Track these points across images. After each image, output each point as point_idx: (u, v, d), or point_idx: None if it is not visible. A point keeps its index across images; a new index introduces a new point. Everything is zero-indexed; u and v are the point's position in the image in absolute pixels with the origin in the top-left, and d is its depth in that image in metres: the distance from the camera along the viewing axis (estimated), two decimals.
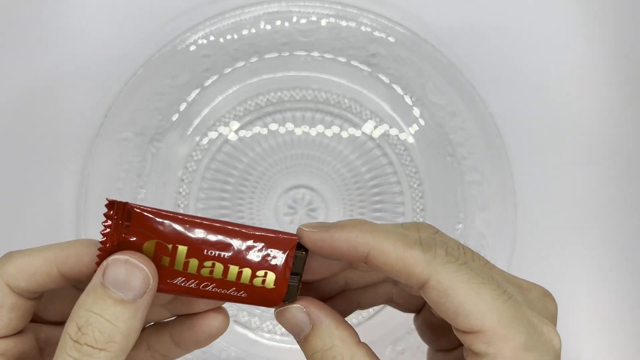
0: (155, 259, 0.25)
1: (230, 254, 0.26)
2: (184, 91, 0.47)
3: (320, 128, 0.48)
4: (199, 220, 0.26)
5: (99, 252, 0.26)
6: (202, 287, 0.26)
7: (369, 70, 0.48)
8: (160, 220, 0.25)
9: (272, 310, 0.28)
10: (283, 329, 0.44)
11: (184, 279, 0.26)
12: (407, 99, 0.48)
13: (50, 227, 0.47)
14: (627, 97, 0.50)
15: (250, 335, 0.45)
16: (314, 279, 0.29)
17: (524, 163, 0.49)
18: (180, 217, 0.26)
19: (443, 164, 0.48)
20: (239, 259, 0.26)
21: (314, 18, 0.48)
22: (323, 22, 0.48)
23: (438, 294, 0.24)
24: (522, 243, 0.47)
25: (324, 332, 0.26)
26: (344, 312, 0.30)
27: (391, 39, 0.47)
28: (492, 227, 0.47)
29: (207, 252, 0.26)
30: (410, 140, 0.48)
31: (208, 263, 0.26)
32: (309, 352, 0.26)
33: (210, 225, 0.26)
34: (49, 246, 0.27)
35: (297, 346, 0.44)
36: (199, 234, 0.26)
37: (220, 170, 0.48)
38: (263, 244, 0.26)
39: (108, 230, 0.25)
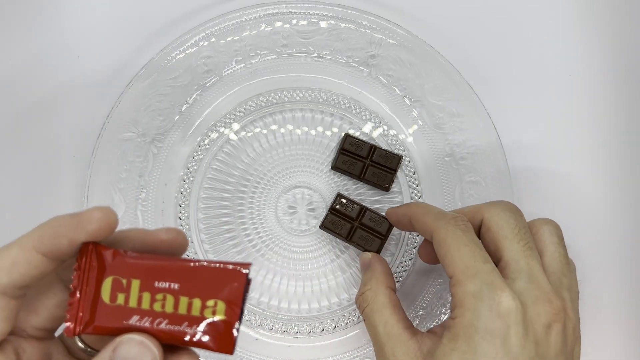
0: (112, 298, 0.26)
1: (179, 285, 0.26)
2: (185, 92, 0.48)
3: (320, 128, 0.49)
4: (147, 256, 0.27)
5: (72, 289, 0.27)
6: (156, 325, 0.26)
7: (369, 71, 0.49)
8: (114, 256, 0.27)
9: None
10: (283, 328, 0.44)
11: (138, 317, 0.26)
12: (407, 100, 0.49)
13: None
14: (626, 98, 0.51)
15: (251, 333, 0.45)
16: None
17: (522, 163, 0.49)
18: (130, 253, 0.27)
19: (442, 164, 0.48)
20: (189, 289, 0.26)
21: (314, 19, 0.48)
22: (323, 24, 0.48)
23: (435, 244, 0.35)
24: None
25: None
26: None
27: (390, 40, 0.48)
28: None
29: (158, 284, 0.26)
30: (409, 140, 0.49)
31: (159, 296, 0.26)
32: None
33: (158, 258, 0.27)
34: (24, 235, 0.26)
35: (298, 343, 0.45)
36: (149, 268, 0.27)
37: (222, 170, 0.48)
38: (210, 275, 0.26)
39: (76, 278, 0.27)
